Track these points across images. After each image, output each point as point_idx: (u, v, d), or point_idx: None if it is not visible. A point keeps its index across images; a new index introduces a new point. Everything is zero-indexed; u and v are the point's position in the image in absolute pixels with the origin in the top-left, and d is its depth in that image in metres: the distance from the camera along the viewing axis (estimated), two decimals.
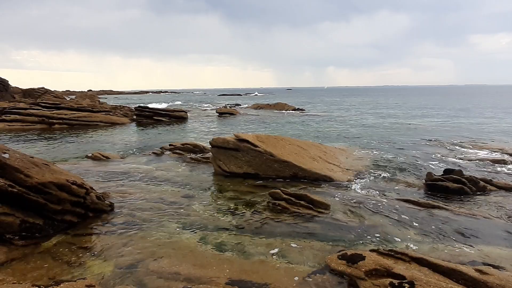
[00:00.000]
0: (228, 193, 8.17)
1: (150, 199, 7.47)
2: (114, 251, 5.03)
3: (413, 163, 11.26)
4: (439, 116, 29.85)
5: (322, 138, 17.28)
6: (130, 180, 9.06)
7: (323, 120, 28.00)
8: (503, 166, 10.58)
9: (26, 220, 5.25)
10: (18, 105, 24.02)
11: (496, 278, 3.55)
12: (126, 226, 5.95)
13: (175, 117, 27.18)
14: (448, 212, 6.67)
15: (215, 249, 5.14)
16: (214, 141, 10.20)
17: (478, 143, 15.19)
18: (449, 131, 19.67)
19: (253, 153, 9.41)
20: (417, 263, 3.96)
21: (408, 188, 8.52)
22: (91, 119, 24.36)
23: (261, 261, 4.79)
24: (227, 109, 32.39)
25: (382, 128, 21.72)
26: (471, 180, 8.22)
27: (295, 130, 21.05)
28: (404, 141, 16.03)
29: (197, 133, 20.54)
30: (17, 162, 5.34)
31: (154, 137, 18.64)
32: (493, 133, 18.74)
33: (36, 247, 5.07)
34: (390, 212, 6.69)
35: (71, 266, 4.60)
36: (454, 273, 3.69)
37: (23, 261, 4.67)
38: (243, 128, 22.54)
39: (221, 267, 4.55)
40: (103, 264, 4.66)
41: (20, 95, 40.49)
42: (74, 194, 5.92)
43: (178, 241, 5.38)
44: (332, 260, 4.19)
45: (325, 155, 10.99)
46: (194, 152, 12.79)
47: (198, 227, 6.00)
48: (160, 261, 4.70)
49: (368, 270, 3.83)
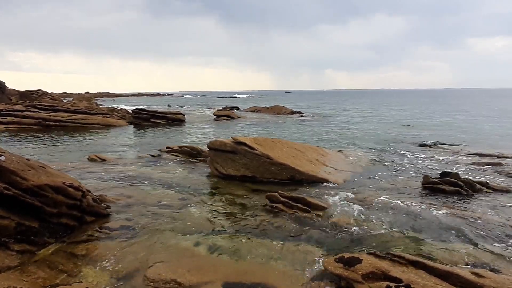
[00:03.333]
0: (225, 196, 8.15)
1: (146, 202, 7.44)
2: (110, 257, 4.96)
3: (410, 166, 11.30)
4: (437, 119, 29.98)
5: (320, 141, 17.31)
6: (127, 183, 9.03)
7: (321, 122, 28.05)
8: (499, 169, 10.62)
9: (22, 223, 5.21)
10: (15, 107, 23.93)
11: (492, 281, 3.56)
12: (122, 231, 5.91)
13: (173, 120, 27.15)
14: (444, 214, 6.68)
15: (212, 252, 5.12)
16: (211, 143, 10.19)
17: (475, 146, 15.27)
18: (446, 134, 19.75)
19: (250, 156, 9.41)
20: (414, 266, 3.96)
21: (404, 190, 8.54)
22: (88, 121, 24.30)
23: (258, 263, 4.78)
24: (224, 112, 32.38)
25: (379, 131, 21.79)
26: (468, 183, 8.26)
27: (292, 133, 21.08)
28: (401, 144, 16.08)
29: (194, 135, 20.53)
30: (13, 165, 5.30)
31: (151, 139, 18.60)
32: (490, 136, 18.84)
33: (31, 252, 5.01)
34: (387, 214, 6.70)
35: (66, 272, 4.53)
36: (451, 276, 3.69)
37: (18, 266, 4.61)
38: (241, 131, 22.54)
39: (218, 270, 4.53)
40: (99, 270, 4.60)
41: (17, 97, 40.30)
42: (71, 197, 5.88)
43: (174, 245, 5.35)
44: (329, 263, 4.18)
45: (322, 157, 11.01)
46: (191, 155, 12.77)
47: (195, 230, 5.98)
48: (157, 266, 4.66)
49: (365, 273, 3.83)
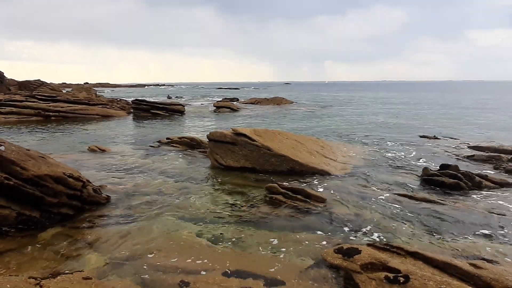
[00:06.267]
0: (225, 186, 8.18)
1: (147, 192, 7.47)
2: (111, 244, 5.04)
3: (410, 158, 11.31)
4: (437, 112, 29.92)
5: (320, 133, 17.29)
6: (127, 173, 9.05)
7: (321, 114, 27.99)
8: (499, 161, 10.63)
9: (23, 212, 5.24)
10: (14, 98, 23.80)
11: (490, 272, 3.59)
12: (123, 219, 5.96)
13: (173, 111, 27.06)
14: (444, 206, 6.72)
15: (212, 242, 5.16)
16: (211, 134, 10.18)
17: (474, 139, 15.27)
18: (447, 127, 19.72)
19: (250, 147, 9.41)
20: (413, 257, 4.00)
21: (404, 182, 8.56)
22: (87, 112, 24.22)
23: (258, 253, 4.82)
24: (224, 103, 32.26)
25: (380, 123, 21.75)
26: (467, 176, 8.27)
27: (292, 125, 21.04)
28: (401, 137, 16.07)
29: (194, 126, 20.49)
30: (13, 155, 5.30)
31: (151, 130, 18.58)
32: (490, 129, 18.82)
33: (32, 239, 5.07)
34: (386, 206, 6.73)
35: (68, 258, 4.61)
36: (449, 267, 3.72)
37: (19, 252, 4.67)
38: (241, 122, 22.50)
39: (218, 259, 4.57)
40: (100, 256, 4.67)
41: (16, 87, 40.15)
42: (71, 187, 5.90)
43: (174, 234, 5.39)
44: (328, 254, 4.21)
45: (322, 149, 11.01)
46: (191, 146, 12.76)
47: (195, 220, 6.02)
48: (157, 253, 4.71)
49: (364, 264, 3.86)
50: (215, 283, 3.96)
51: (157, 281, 4.06)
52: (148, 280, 4.09)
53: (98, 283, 3.72)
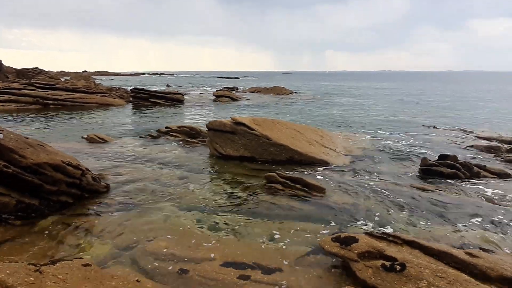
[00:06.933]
0: (224, 175, 8.20)
1: (146, 181, 7.49)
2: (110, 231, 5.08)
3: (408, 148, 11.32)
4: (437, 102, 29.82)
5: (320, 122, 17.26)
6: (126, 162, 9.05)
7: (321, 104, 27.89)
8: (498, 152, 10.65)
9: (22, 200, 5.26)
10: (12, 85, 23.63)
11: (485, 261, 3.63)
12: (122, 207, 5.99)
13: (172, 100, 26.92)
14: (442, 196, 6.75)
15: (211, 230, 5.19)
16: (210, 124, 10.16)
17: (474, 129, 15.26)
18: (447, 117, 19.70)
19: (249, 136, 9.40)
20: (409, 246, 4.03)
21: (403, 172, 8.59)
22: (86, 101, 24.09)
23: (256, 242, 4.86)
24: (224, 92, 32.09)
25: (380, 114, 21.70)
26: (465, 166, 8.29)
27: (292, 114, 20.98)
28: (401, 126, 16.06)
29: (193, 116, 20.43)
30: (12, 143, 5.29)
31: (150, 119, 18.52)
32: (489, 120, 18.80)
33: (32, 226, 5.11)
34: (385, 196, 6.76)
35: (67, 246, 4.65)
36: (445, 255, 3.76)
37: (19, 239, 4.71)
38: (240, 111, 22.42)
39: (217, 247, 4.61)
40: (99, 244, 4.71)
41: (14, 75, 39.83)
42: (70, 175, 5.91)
43: (174, 222, 5.42)
44: (326, 242, 4.24)
45: (321, 139, 11.00)
46: (190, 135, 12.74)
47: (194, 208, 6.05)
48: (156, 242, 4.75)
49: (361, 252, 3.89)
50: (213, 271, 4.01)
51: (156, 269, 4.10)
52: (147, 267, 4.12)
53: (97, 270, 3.75)
